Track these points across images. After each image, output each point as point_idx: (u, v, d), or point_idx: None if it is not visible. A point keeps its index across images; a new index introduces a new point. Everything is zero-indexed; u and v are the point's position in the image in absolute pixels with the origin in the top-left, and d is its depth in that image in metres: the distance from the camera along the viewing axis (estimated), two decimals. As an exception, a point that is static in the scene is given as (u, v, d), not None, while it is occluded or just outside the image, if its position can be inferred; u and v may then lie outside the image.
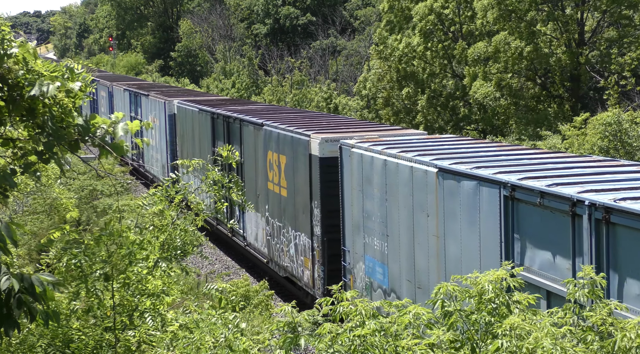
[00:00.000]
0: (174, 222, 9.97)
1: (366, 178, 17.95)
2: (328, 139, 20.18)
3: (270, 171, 23.74)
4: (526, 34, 36.95)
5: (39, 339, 8.61)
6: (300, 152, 21.29)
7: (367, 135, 20.24)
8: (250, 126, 25.46)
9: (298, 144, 21.42)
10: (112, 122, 5.69)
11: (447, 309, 7.35)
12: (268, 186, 24.00)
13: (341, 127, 22.63)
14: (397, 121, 43.57)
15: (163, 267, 9.48)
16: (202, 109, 31.12)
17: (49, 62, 5.84)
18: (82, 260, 8.49)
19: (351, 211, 18.93)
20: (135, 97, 43.58)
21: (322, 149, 20.09)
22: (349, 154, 18.72)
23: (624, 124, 27.28)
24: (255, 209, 24.97)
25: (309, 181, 20.76)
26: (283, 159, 22.51)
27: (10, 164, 5.97)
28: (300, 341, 7.22)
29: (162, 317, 9.19)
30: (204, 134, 30.65)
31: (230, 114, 27.78)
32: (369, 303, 7.82)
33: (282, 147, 22.62)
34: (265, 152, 23.97)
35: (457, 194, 14.54)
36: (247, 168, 26.06)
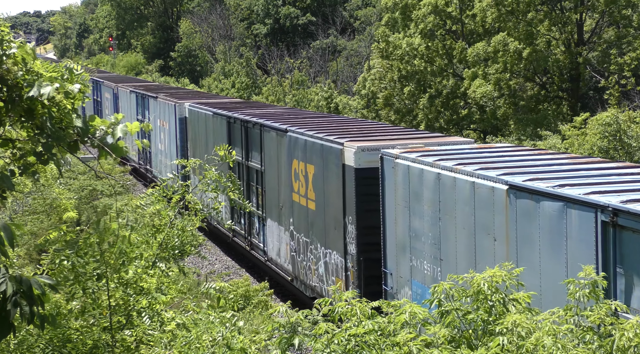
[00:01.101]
0: (172, 222, 9.97)
1: (414, 193, 15.96)
2: (364, 148, 18.35)
3: (295, 182, 21.91)
4: (525, 35, 36.94)
5: (37, 339, 8.61)
6: (331, 161, 19.52)
7: (409, 143, 18.35)
8: (272, 131, 23.65)
9: (329, 152, 19.62)
10: (112, 124, 5.68)
11: (444, 309, 7.34)
12: (293, 198, 22.16)
13: (377, 135, 20.66)
14: (398, 121, 43.57)
15: (161, 267, 9.48)
16: (216, 112, 29.43)
17: (48, 63, 5.83)
18: (74, 261, 8.47)
19: (394, 229, 16.91)
20: (142, 99, 42.08)
21: (358, 159, 18.26)
22: (392, 166, 16.75)
23: (622, 124, 27.28)
24: (277, 222, 23.49)
25: (342, 193, 18.97)
26: (311, 168, 20.74)
27: (9, 165, 5.97)
28: (295, 341, 7.21)
29: (159, 316, 9.18)
30: (219, 140, 28.58)
31: (249, 118, 25.98)
32: (367, 303, 7.83)
33: (309, 156, 20.84)
34: (290, 160, 22.18)
35: (534, 217, 12.46)
36: (268, 177, 24.30)
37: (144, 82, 59.39)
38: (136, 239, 9.26)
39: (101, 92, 54.94)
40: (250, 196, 25.86)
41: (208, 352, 8.90)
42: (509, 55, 37.15)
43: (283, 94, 56.01)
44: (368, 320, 7.33)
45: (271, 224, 24.12)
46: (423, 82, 43.50)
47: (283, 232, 23.16)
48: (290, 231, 22.56)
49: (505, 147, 18.73)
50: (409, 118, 43.99)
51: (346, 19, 71.19)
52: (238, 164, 26.24)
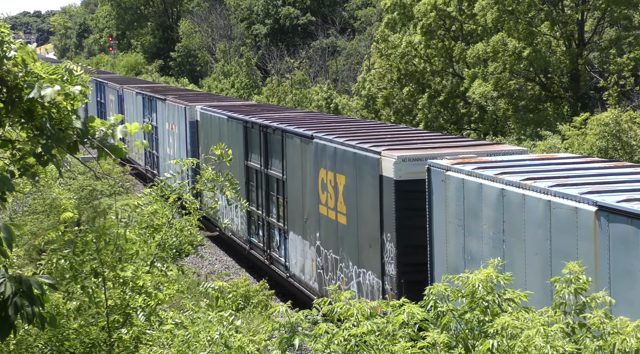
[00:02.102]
0: (170, 222, 9.99)
1: (470, 210, 14.08)
2: (405, 158, 16.51)
3: (323, 193, 20.09)
4: (524, 35, 36.96)
5: (35, 339, 8.64)
6: (366, 172, 17.71)
7: (455, 152, 16.50)
8: (295, 138, 21.92)
9: (364, 162, 17.83)
10: (111, 125, 5.70)
11: (439, 309, 7.35)
12: (320, 210, 20.32)
13: (416, 142, 18.86)
14: (397, 121, 43.59)
15: (159, 267, 9.50)
16: (232, 116, 27.68)
17: (48, 64, 5.85)
18: (71, 259, 8.50)
19: (445, 249, 14.98)
20: (149, 101, 40.16)
21: (398, 170, 16.47)
22: (441, 178, 14.89)
23: (622, 124, 27.31)
24: (302, 236, 21.74)
25: (378, 208, 17.16)
26: (341, 179, 18.98)
27: (8, 166, 5.98)
28: (295, 341, 7.23)
29: (157, 315, 9.20)
30: (234, 146, 26.52)
31: (269, 123, 24.17)
32: (366, 302, 7.85)
33: (340, 165, 19.06)
34: (317, 169, 20.38)
35: (635, 246, 10.56)
36: (291, 187, 22.55)
37: (150, 83, 57.45)
38: (133, 236, 9.29)
39: (105, 94, 53.31)
40: (269, 207, 24.48)
41: (206, 351, 8.93)
42: (508, 55, 37.16)
43: (284, 94, 56.00)
44: (367, 320, 7.35)
45: (294, 237, 22.36)
46: (422, 82, 43.53)
47: (308, 247, 21.33)
48: (316, 246, 20.69)
49: (572, 157, 16.59)
50: (409, 118, 44.01)
51: (346, 19, 71.22)
52: (256, 171, 25.24)
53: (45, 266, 8.86)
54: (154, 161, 39.54)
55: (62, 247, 8.54)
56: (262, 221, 25.02)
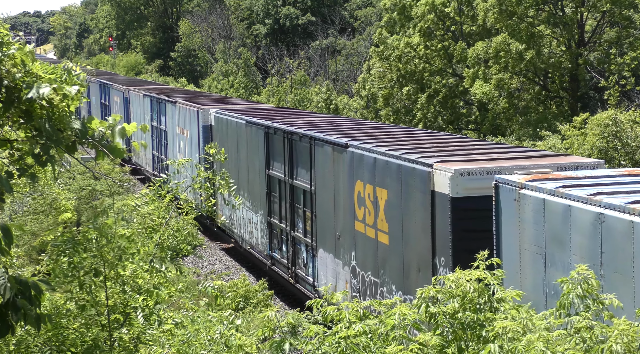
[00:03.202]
0: (167, 222, 10.00)
1: (553, 236, 12.04)
2: (464, 172, 14.62)
3: (359, 208, 18.23)
4: (526, 36, 36.97)
5: (34, 339, 8.65)
6: (414, 187, 15.84)
7: (523, 165, 14.81)
8: (326, 146, 20.07)
9: (411, 175, 15.96)
10: (110, 125, 5.70)
11: (431, 311, 7.31)
12: (356, 227, 18.45)
13: (472, 153, 16.82)
14: (397, 121, 43.61)
15: (158, 268, 9.51)
16: (251, 121, 25.79)
17: (46, 65, 5.85)
18: (71, 255, 8.50)
19: (518, 280, 12.90)
20: (158, 104, 38.37)
21: (455, 186, 14.58)
22: (514, 197, 12.91)
23: (622, 124, 27.30)
24: (333, 254, 19.88)
25: (430, 228, 15.31)
26: (382, 193, 17.06)
27: (8, 166, 5.98)
28: (285, 346, 7.20)
29: (157, 314, 9.21)
30: (254, 153, 25.49)
31: (294, 129, 22.34)
32: (359, 302, 7.84)
33: (381, 178, 17.17)
34: (352, 182, 18.53)
35: None
36: (320, 199, 20.72)
37: (157, 85, 55.38)
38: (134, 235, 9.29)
39: (109, 96, 51.63)
40: (295, 220, 22.65)
41: (206, 350, 8.94)
42: (511, 56, 37.19)
43: (284, 94, 55.99)
44: (360, 321, 7.34)
45: (324, 255, 20.52)
46: (422, 82, 43.55)
47: (341, 267, 19.46)
48: (351, 266, 18.86)
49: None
50: (408, 118, 44.04)
51: (345, 19, 71.26)
52: (279, 181, 23.50)
53: (46, 261, 8.87)
54: (162, 165, 37.13)
55: (63, 243, 8.55)
56: (287, 235, 23.19)
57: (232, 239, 29.18)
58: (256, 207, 25.60)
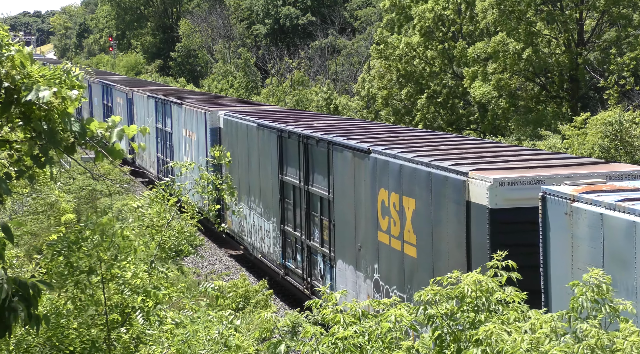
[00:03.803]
0: (169, 223, 10.01)
1: (614, 256, 10.96)
2: (504, 181, 13.51)
3: (383, 218, 17.16)
4: (525, 35, 36.99)
5: (34, 338, 8.67)
6: (446, 196, 14.76)
7: (568, 173, 13.82)
8: (346, 151, 19.01)
9: (442, 184, 14.88)
10: (109, 127, 5.70)
11: (429, 313, 7.25)
12: (379, 238, 17.43)
13: (510, 160, 15.70)
14: (397, 121, 43.61)
15: (159, 268, 9.52)
16: (263, 124, 24.72)
17: (46, 68, 5.85)
18: (66, 254, 8.50)
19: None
20: (163, 105, 37.31)
21: (494, 197, 13.50)
22: (564, 211, 11.78)
23: (625, 123, 27.32)
24: (353, 266, 18.86)
25: (465, 241, 14.28)
26: (410, 203, 15.98)
27: (7, 167, 5.99)
28: (281, 347, 7.20)
29: (156, 314, 9.22)
30: (266, 157, 24.48)
31: (310, 133, 21.26)
32: (357, 302, 7.80)
33: (408, 186, 16.06)
34: (375, 189, 17.45)
35: None
36: (339, 208, 19.65)
37: (162, 85, 54.28)
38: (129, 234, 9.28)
39: (112, 97, 50.59)
40: (310, 229, 21.62)
41: (205, 350, 8.95)
42: (509, 56, 37.20)
43: (284, 94, 56.00)
44: (357, 322, 7.32)
45: (343, 267, 19.53)
46: (421, 82, 43.58)
47: (362, 280, 18.47)
48: (374, 279, 17.89)
49: None
50: (408, 118, 44.06)
51: (345, 19, 71.29)
52: (293, 187, 22.52)
53: (42, 260, 8.88)
54: (167, 169, 36.27)
55: (58, 242, 8.55)
56: (302, 244, 22.19)
57: (241, 246, 28.34)
58: (268, 214, 24.60)
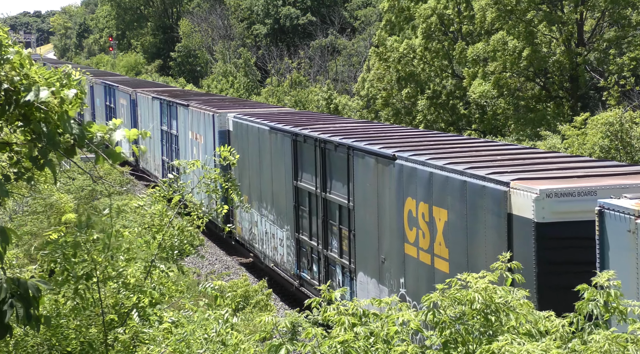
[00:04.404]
0: (171, 223, 10.00)
1: None
2: (552, 192, 12.39)
3: (410, 228, 16.08)
4: (524, 35, 37.00)
5: (32, 338, 8.67)
6: (484, 208, 13.63)
7: (622, 184, 12.70)
8: (368, 157, 17.95)
9: (479, 194, 13.76)
10: (109, 129, 5.70)
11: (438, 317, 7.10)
12: (406, 250, 16.34)
13: (554, 168, 14.42)
14: (397, 122, 43.63)
15: (161, 267, 9.52)
16: (276, 127, 23.69)
17: (44, 69, 5.86)
18: (61, 262, 8.49)
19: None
20: (168, 107, 36.33)
21: (541, 209, 12.36)
22: (627, 228, 10.59)
23: (625, 123, 27.32)
24: (376, 279, 17.81)
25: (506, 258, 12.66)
26: (441, 214, 14.88)
27: (6, 169, 5.99)
28: (281, 352, 7.16)
29: (154, 313, 9.22)
30: (279, 162, 23.45)
31: (328, 137, 20.22)
32: (358, 301, 7.74)
33: (439, 196, 14.95)
34: (401, 199, 16.34)
35: None
36: (360, 217, 18.59)
37: (166, 86, 53.16)
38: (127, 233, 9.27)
39: (115, 98, 49.49)
40: (328, 238, 20.56)
41: (203, 348, 8.95)
42: (509, 54, 37.21)
43: (284, 94, 56.01)
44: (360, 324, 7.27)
45: (365, 280, 18.50)
46: (421, 83, 43.61)
47: (387, 295, 17.37)
48: (400, 294, 16.76)
49: None
50: (408, 119, 44.08)
51: (345, 19, 71.32)
52: (309, 194, 21.53)
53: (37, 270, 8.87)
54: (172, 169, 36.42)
55: (51, 251, 8.54)
56: (318, 254, 21.18)
57: (251, 254, 27.43)
58: (281, 221, 23.60)
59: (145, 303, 9.08)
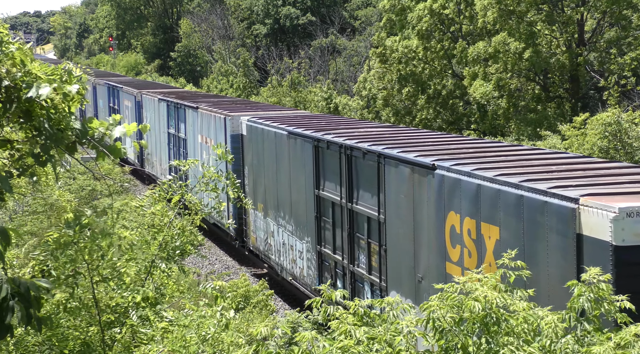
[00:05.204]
0: (172, 222, 9.99)
1: None
2: (634, 211, 10.94)
3: (453, 246, 14.72)
4: (525, 35, 37.01)
5: (32, 337, 8.66)
6: (547, 227, 12.18)
7: None
8: (402, 166, 16.55)
9: (540, 211, 12.33)
10: (110, 125, 5.70)
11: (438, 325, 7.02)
12: (448, 270, 14.92)
13: (626, 181, 12.91)
14: (397, 121, 43.63)
15: (162, 267, 9.52)
16: (294, 132, 22.31)
17: (46, 65, 5.85)
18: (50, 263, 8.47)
19: None
20: (176, 109, 35.25)
21: (621, 230, 10.89)
22: None
23: (623, 124, 27.31)
24: (412, 300, 16.23)
25: None
26: (491, 231, 13.48)
27: (7, 166, 5.98)
28: None
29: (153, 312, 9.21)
30: (298, 169, 22.11)
31: (355, 144, 18.80)
32: (360, 301, 7.69)
33: (488, 211, 13.58)
34: (442, 213, 14.99)
35: None
36: (392, 231, 17.18)
37: (173, 88, 52.00)
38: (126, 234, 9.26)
39: (119, 99, 48.31)
40: (354, 253, 19.17)
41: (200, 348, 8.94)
42: (510, 55, 37.22)
43: (283, 95, 55.98)
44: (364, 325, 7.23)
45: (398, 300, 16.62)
46: (421, 82, 43.61)
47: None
48: None
49: None
50: (408, 119, 44.09)
51: (345, 19, 71.35)
52: (333, 204, 20.18)
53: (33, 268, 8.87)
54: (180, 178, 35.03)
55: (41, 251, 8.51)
56: (343, 269, 19.78)
57: (265, 264, 26.24)
58: (301, 232, 22.28)
59: (138, 300, 9.03)
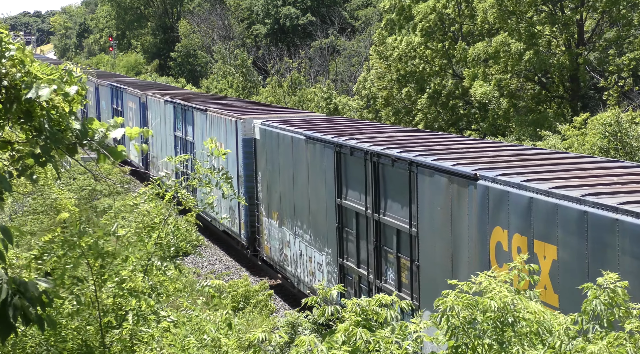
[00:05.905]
0: (166, 220, 9.97)
1: None
2: None
3: (499, 265, 13.37)
4: (526, 36, 37.02)
5: (31, 338, 8.67)
6: (615, 247, 10.97)
7: None
8: (438, 175, 15.23)
9: (608, 230, 11.10)
10: (111, 127, 5.69)
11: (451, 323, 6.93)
12: None
13: None
14: (397, 121, 43.63)
15: (158, 265, 9.51)
16: (313, 136, 21.07)
17: (46, 65, 5.85)
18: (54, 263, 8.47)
19: None
20: (183, 111, 33.99)
21: None
22: None
23: (623, 124, 27.31)
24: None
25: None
26: (547, 250, 12.26)
27: (7, 167, 5.98)
28: None
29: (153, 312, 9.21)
30: (318, 176, 20.91)
31: (382, 150, 17.52)
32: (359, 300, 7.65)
33: (542, 228, 12.33)
34: (486, 228, 13.76)
35: None
36: (426, 245, 15.90)
37: (179, 89, 50.57)
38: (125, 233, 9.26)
39: (123, 101, 46.77)
40: (382, 268, 17.90)
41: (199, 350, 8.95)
42: (510, 56, 37.23)
43: (283, 96, 55.97)
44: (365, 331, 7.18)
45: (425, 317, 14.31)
46: (422, 82, 43.62)
47: None
48: None
49: None
50: (408, 119, 44.09)
51: (345, 19, 71.35)
52: (357, 215, 18.88)
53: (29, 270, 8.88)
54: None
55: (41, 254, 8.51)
56: (368, 285, 18.54)
57: (278, 275, 25.18)
58: (320, 243, 21.07)
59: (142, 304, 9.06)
